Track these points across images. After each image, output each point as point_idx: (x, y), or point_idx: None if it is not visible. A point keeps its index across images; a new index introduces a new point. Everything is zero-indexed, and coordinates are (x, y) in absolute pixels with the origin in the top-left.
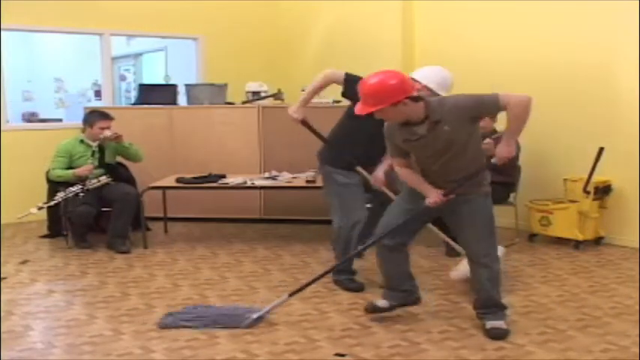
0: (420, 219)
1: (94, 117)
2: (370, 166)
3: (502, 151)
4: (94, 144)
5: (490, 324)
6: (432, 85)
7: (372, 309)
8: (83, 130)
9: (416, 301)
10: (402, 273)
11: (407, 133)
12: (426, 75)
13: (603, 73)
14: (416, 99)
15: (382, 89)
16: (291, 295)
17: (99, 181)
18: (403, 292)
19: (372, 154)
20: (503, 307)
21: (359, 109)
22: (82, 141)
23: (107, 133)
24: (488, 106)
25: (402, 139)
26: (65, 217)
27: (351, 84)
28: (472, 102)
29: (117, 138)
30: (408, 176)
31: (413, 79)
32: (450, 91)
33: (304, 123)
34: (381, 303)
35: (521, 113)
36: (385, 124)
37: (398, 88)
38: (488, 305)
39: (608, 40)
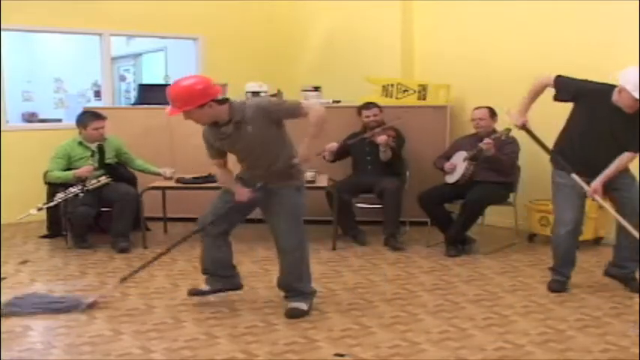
0: (239, 211)
1: (87, 118)
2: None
3: (303, 155)
4: (93, 145)
5: (291, 305)
6: (628, 87)
7: (194, 292)
8: (80, 132)
9: (237, 286)
10: (223, 259)
11: (217, 133)
12: (623, 75)
13: (603, 74)
14: (220, 101)
15: (189, 93)
16: (122, 280)
17: (99, 181)
18: (224, 278)
19: (597, 159)
20: (307, 294)
21: (169, 111)
22: (80, 142)
23: (167, 173)
24: (288, 111)
25: (215, 139)
26: (65, 218)
27: (561, 86)
28: (272, 106)
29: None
30: (220, 176)
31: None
32: None
33: (525, 128)
34: (204, 287)
35: (318, 121)
36: (204, 128)
37: (203, 92)
38: (290, 289)
39: (609, 41)
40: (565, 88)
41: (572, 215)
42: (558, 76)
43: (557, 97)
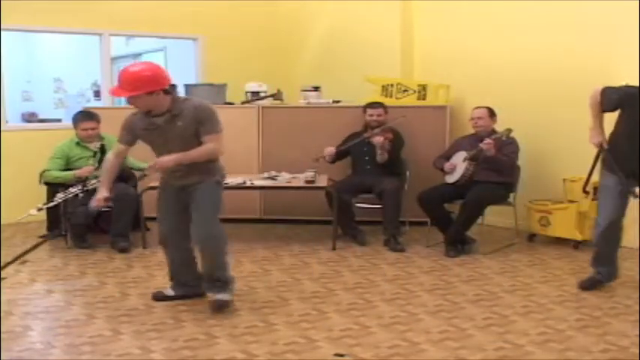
0: (176, 212)
1: (78, 118)
2: None
3: (161, 161)
4: (92, 145)
5: (216, 297)
6: None
7: (159, 297)
8: (76, 133)
9: (200, 294)
10: (188, 267)
11: (147, 122)
12: None
13: (603, 74)
14: (167, 92)
15: (142, 78)
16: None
17: (99, 181)
18: (188, 286)
19: None
20: (228, 282)
21: (114, 91)
22: (77, 143)
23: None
24: (207, 127)
25: (143, 127)
26: (65, 218)
27: (605, 97)
28: (206, 115)
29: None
30: (111, 165)
31: None
32: None
33: (601, 147)
34: (169, 292)
35: (203, 153)
36: (129, 114)
37: (155, 80)
38: (212, 280)
39: (609, 41)
40: (608, 98)
41: (607, 216)
42: (604, 89)
43: (603, 109)
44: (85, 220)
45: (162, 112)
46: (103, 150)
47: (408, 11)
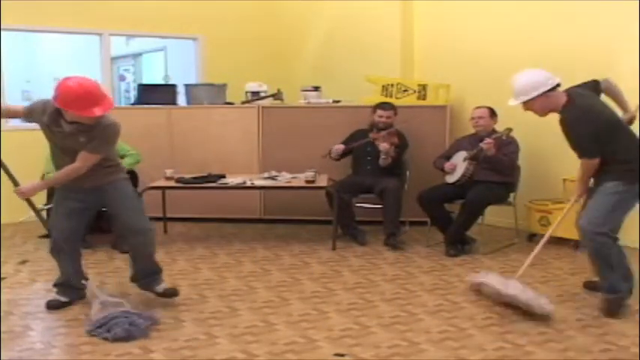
0: (78, 215)
1: None
2: None
3: (23, 192)
4: None
5: (160, 287)
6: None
7: (55, 305)
8: None
9: (84, 296)
10: (79, 271)
11: (54, 120)
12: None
13: (603, 74)
14: None
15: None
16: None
17: None
18: (79, 289)
19: None
20: (161, 271)
21: (99, 111)
22: None
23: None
24: (94, 144)
25: (47, 121)
26: None
27: (585, 151)
28: (103, 134)
29: None
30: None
31: None
32: (528, 94)
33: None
34: (62, 298)
35: (67, 174)
36: (47, 100)
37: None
38: (150, 273)
39: (609, 40)
40: (588, 149)
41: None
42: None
43: (592, 158)
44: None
45: (72, 122)
46: None
47: (408, 11)
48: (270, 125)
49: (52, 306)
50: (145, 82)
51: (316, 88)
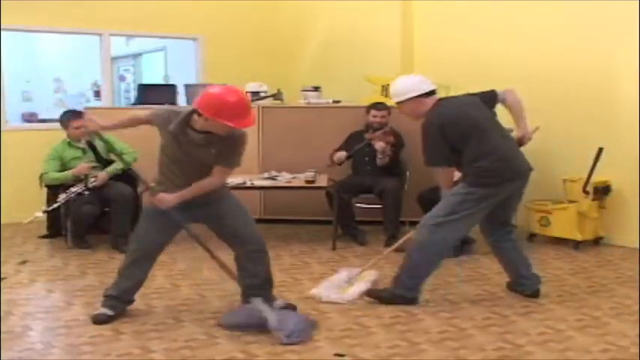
0: (166, 230)
1: (67, 117)
2: None
3: (165, 201)
4: (81, 144)
5: (279, 302)
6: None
7: (102, 319)
8: (67, 134)
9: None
10: (139, 285)
11: (182, 130)
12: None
13: (603, 74)
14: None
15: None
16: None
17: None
18: (128, 303)
19: None
20: (272, 284)
21: (248, 123)
22: (69, 143)
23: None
24: (229, 160)
25: (174, 131)
26: (69, 218)
27: (431, 158)
28: (236, 145)
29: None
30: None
31: None
32: (399, 97)
33: None
34: (109, 312)
35: (205, 188)
36: (172, 108)
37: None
38: (266, 288)
39: (608, 42)
40: (434, 158)
41: None
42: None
43: (445, 164)
44: (91, 217)
45: (203, 132)
46: (91, 146)
47: (408, 11)
48: (270, 125)
49: (100, 321)
50: (145, 82)
51: (316, 88)
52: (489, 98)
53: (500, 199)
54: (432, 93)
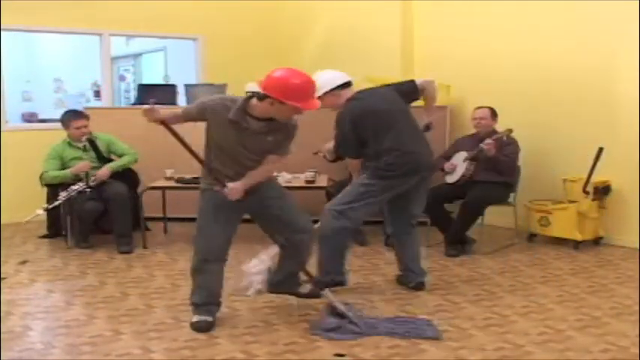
0: (230, 221)
1: (69, 117)
2: None
3: (235, 190)
4: (81, 144)
5: (305, 288)
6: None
7: (207, 327)
8: (68, 133)
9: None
10: (220, 286)
11: (240, 118)
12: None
13: (603, 75)
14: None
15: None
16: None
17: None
18: (216, 305)
19: None
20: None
21: (315, 104)
22: (69, 143)
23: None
24: (284, 147)
25: (231, 119)
26: (72, 216)
27: (341, 146)
28: (292, 134)
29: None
30: (173, 116)
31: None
32: (317, 92)
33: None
34: (209, 318)
35: (264, 175)
36: (224, 97)
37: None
38: (296, 275)
39: (608, 42)
40: (344, 146)
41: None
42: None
43: (351, 155)
44: (95, 213)
45: (264, 119)
46: (92, 144)
47: (408, 11)
48: None
49: (201, 328)
50: (145, 82)
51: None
52: (407, 89)
53: (402, 190)
54: (347, 85)
